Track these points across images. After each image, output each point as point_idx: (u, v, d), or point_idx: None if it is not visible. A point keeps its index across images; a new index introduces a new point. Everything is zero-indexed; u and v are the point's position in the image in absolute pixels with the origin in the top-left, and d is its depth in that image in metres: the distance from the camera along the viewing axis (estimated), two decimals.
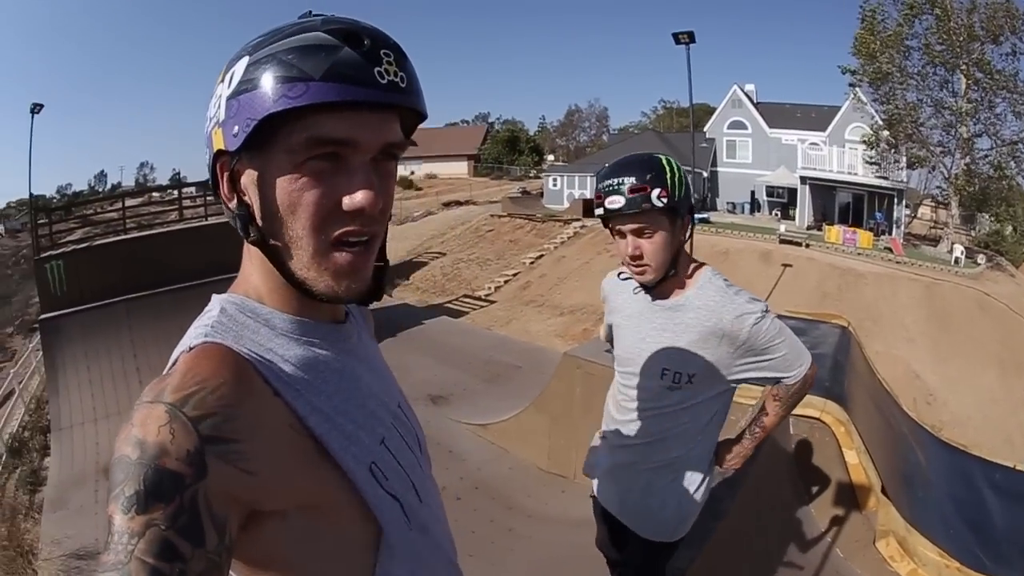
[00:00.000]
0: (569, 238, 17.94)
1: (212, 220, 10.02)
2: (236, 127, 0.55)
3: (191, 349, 0.56)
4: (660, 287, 1.44)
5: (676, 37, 16.66)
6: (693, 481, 1.51)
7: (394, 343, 8.60)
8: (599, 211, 1.41)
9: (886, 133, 20.52)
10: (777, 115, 25.81)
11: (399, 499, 0.64)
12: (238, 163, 0.57)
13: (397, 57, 0.56)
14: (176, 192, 12.38)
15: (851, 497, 2.84)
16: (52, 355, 7.86)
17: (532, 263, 16.49)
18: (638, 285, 1.49)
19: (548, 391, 4.41)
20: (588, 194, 23.65)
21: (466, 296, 14.69)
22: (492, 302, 14.03)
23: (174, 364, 0.55)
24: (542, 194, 29.01)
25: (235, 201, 0.59)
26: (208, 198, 10.99)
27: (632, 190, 1.34)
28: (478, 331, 10.38)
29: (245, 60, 0.55)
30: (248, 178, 0.57)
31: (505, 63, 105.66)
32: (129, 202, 11.23)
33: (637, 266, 1.40)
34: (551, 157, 52.88)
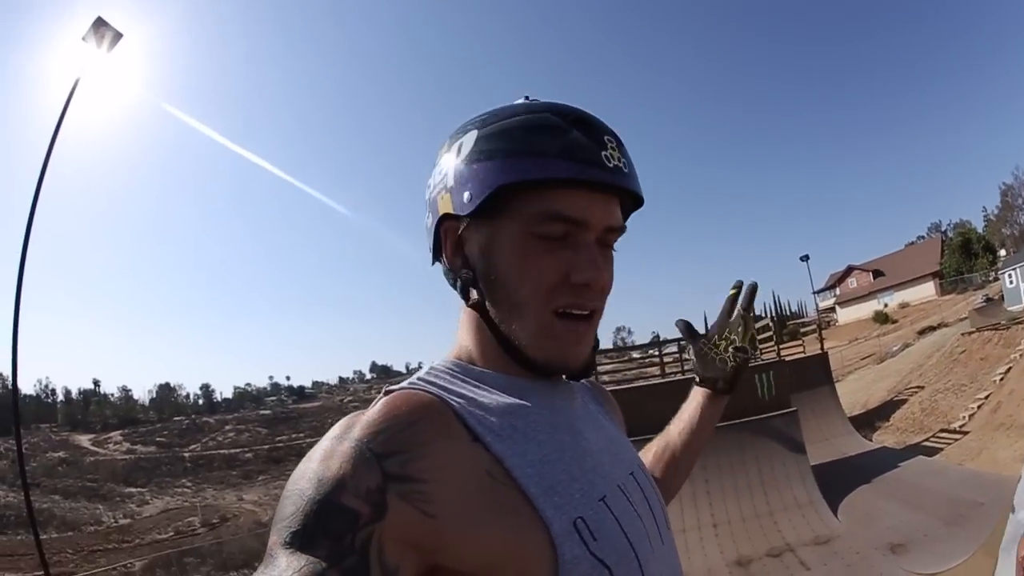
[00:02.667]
0: None
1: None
2: (467, 193, 0.57)
3: (388, 393, 0.56)
4: None
5: None
6: None
7: (867, 489, 8.65)
8: None
9: None
10: None
11: (609, 567, 0.53)
12: (467, 228, 0.59)
13: (617, 143, 0.59)
14: (657, 350, 13.15)
15: None
16: None
17: (1001, 379, 15.02)
18: None
19: (1000, 531, 4.36)
20: None
21: (943, 430, 13.84)
22: (965, 432, 13.02)
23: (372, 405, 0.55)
24: (1003, 297, 24.65)
25: (459, 264, 0.60)
26: (684, 356, 12.97)
27: None
28: (949, 468, 9.89)
29: (474, 133, 0.59)
30: (476, 243, 0.59)
31: (932, 161, 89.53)
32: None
33: None
34: (1003, 252, 41.56)
